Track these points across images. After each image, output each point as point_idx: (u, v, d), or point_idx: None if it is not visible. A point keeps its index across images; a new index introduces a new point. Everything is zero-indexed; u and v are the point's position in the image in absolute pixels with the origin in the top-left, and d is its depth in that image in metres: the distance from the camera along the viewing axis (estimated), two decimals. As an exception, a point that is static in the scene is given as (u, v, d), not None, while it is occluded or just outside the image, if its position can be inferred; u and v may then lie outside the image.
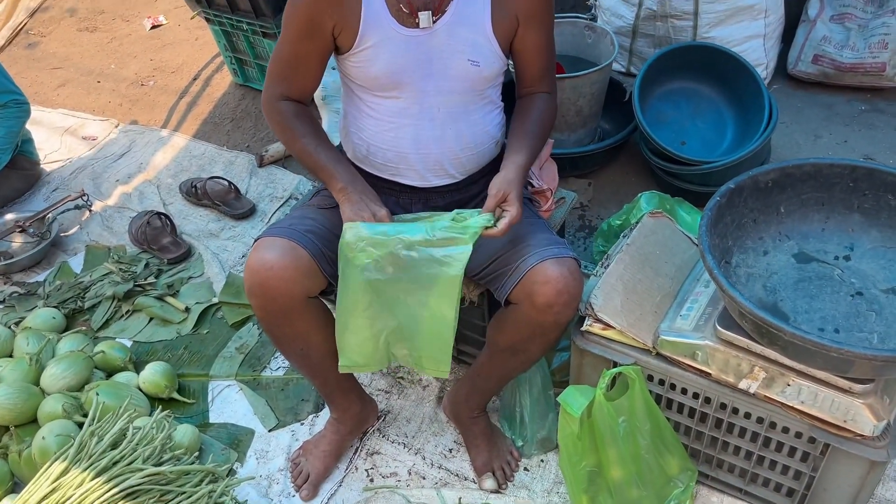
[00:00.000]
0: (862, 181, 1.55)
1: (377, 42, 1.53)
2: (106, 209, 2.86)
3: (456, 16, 1.53)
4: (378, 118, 1.64)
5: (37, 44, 3.99)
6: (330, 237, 1.64)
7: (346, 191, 1.57)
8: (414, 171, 1.69)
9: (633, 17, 2.81)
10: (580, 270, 1.56)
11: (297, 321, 1.60)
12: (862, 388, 1.39)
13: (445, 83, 1.58)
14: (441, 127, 1.63)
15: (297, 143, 1.63)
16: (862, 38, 2.65)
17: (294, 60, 1.61)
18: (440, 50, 1.55)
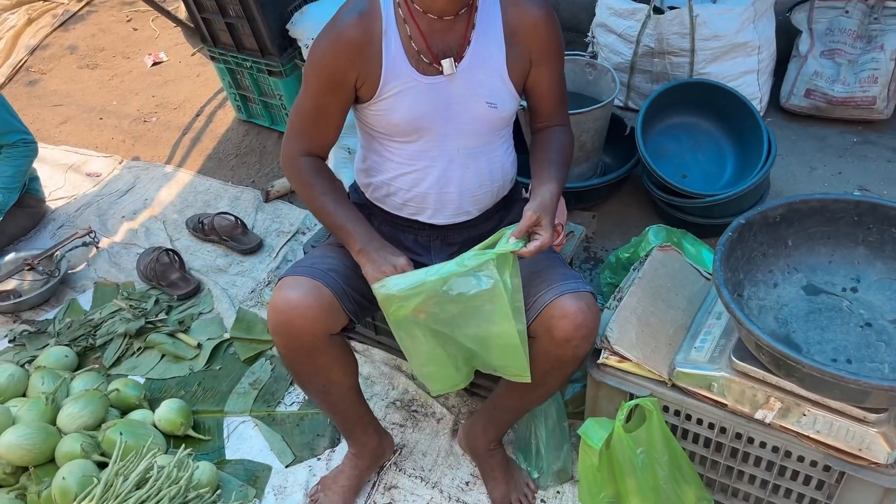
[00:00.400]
0: (866, 215, 1.60)
1: (398, 91, 1.58)
2: (113, 246, 2.87)
3: (473, 60, 1.59)
4: (398, 161, 1.68)
5: (37, 81, 4.02)
6: (350, 275, 1.67)
7: (364, 251, 1.59)
8: (434, 209, 1.73)
9: (631, 54, 2.88)
10: (597, 304, 1.60)
11: (319, 358, 1.63)
12: (876, 417, 1.43)
13: (464, 125, 1.63)
14: (461, 167, 1.68)
15: (316, 200, 1.65)
16: (852, 73, 2.74)
17: (316, 115, 1.64)
18: (459, 94, 1.60)
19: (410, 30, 1.55)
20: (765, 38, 2.76)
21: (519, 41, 1.61)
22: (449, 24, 1.56)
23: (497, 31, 1.58)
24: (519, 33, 1.60)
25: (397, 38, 1.55)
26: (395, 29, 1.55)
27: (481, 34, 1.58)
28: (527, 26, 1.60)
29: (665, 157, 2.54)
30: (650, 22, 2.78)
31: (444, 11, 1.53)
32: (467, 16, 1.57)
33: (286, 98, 3.08)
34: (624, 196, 2.71)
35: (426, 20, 1.55)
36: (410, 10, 1.55)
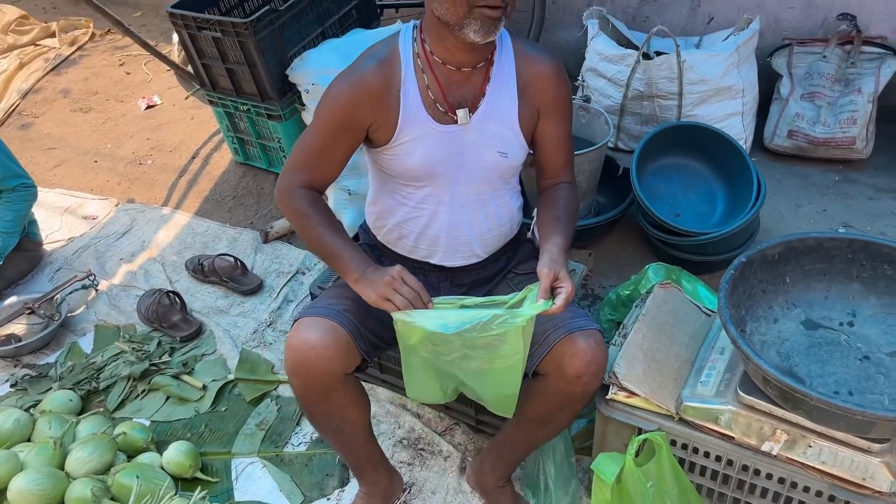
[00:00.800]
0: (859, 253, 1.68)
1: (414, 138, 1.64)
2: (112, 288, 2.88)
3: (487, 111, 1.65)
4: (411, 205, 1.74)
5: (30, 125, 4.04)
6: (363, 315, 1.71)
7: (362, 279, 1.59)
8: (444, 252, 1.79)
9: (620, 97, 2.99)
10: (604, 342, 1.65)
11: (335, 398, 1.65)
12: (880, 447, 1.48)
13: (476, 173, 1.69)
14: (471, 212, 1.73)
15: (312, 230, 1.66)
16: (832, 115, 2.87)
17: (322, 151, 1.68)
18: (472, 143, 1.66)
19: (428, 79, 1.62)
20: (748, 82, 2.88)
21: (530, 94, 1.67)
22: (466, 76, 1.62)
23: (511, 84, 1.65)
24: (530, 86, 1.67)
25: (415, 86, 1.62)
26: (413, 77, 1.62)
27: (496, 86, 1.64)
28: (538, 80, 1.67)
29: (658, 197, 2.62)
30: (639, 67, 2.89)
31: (462, 64, 1.60)
32: (485, 69, 1.63)
33: (284, 141, 3.13)
34: (619, 234, 2.78)
35: (444, 71, 1.62)
36: (429, 61, 1.62)
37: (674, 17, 3.28)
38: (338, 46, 2.92)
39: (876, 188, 2.84)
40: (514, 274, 1.87)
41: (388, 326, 1.78)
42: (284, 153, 3.19)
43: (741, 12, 3.08)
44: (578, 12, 3.33)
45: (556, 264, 1.55)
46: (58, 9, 5.24)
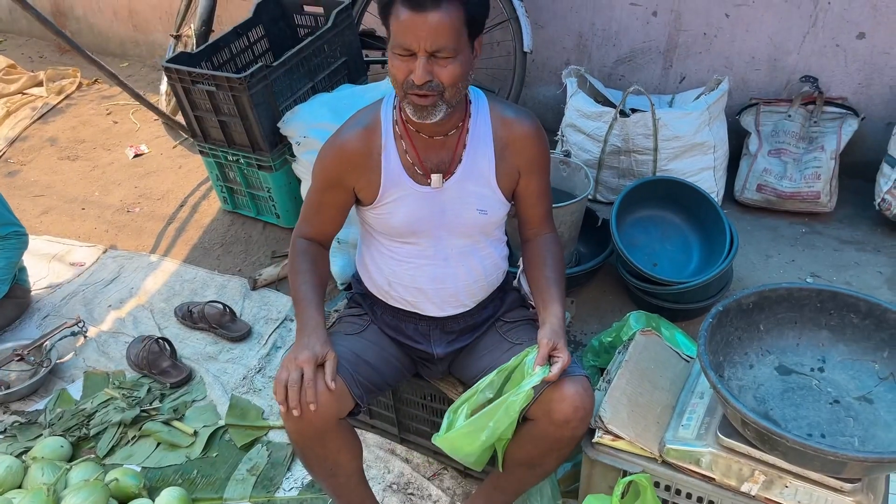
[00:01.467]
0: (827, 302, 1.78)
1: (396, 198, 1.75)
2: (100, 335, 2.91)
3: (464, 174, 1.75)
4: (398, 259, 1.84)
5: (17, 172, 4.08)
6: (358, 361, 1.78)
7: (299, 334, 1.69)
8: (432, 303, 1.87)
9: (598, 151, 3.13)
10: (591, 387, 1.73)
11: (329, 442, 1.70)
12: (851, 486, 1.57)
13: (457, 229, 1.80)
14: (454, 265, 1.83)
15: (293, 276, 1.81)
16: (798, 170, 3.03)
17: (317, 207, 1.84)
18: (451, 203, 1.77)
19: (406, 145, 1.73)
20: (719, 138, 3.04)
21: (509, 154, 1.77)
22: (440, 143, 1.73)
23: (487, 146, 1.75)
24: (509, 147, 1.77)
25: (395, 151, 1.73)
26: (393, 143, 1.73)
27: (472, 150, 1.75)
28: (517, 141, 1.77)
29: (636, 247, 2.74)
30: (616, 124, 3.03)
31: (433, 133, 1.71)
32: (458, 135, 1.74)
33: (274, 190, 3.21)
34: (599, 283, 2.89)
35: (419, 138, 1.73)
36: (406, 128, 1.73)
37: (648, 76, 3.45)
38: (328, 101, 3.03)
39: (840, 240, 2.98)
40: (502, 322, 1.95)
41: (380, 372, 1.86)
42: (273, 202, 3.27)
43: (711, 73, 3.26)
44: (557, 70, 3.49)
45: (556, 336, 1.66)
46: (45, 58, 5.32)
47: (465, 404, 1.70)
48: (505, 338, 1.90)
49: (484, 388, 1.69)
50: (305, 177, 3.01)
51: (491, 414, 1.63)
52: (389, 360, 1.91)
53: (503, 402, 1.62)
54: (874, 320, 1.74)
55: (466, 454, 1.70)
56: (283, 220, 3.33)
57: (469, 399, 1.70)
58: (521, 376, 1.66)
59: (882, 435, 1.64)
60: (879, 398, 1.71)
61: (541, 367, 1.61)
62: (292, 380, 1.58)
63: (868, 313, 1.75)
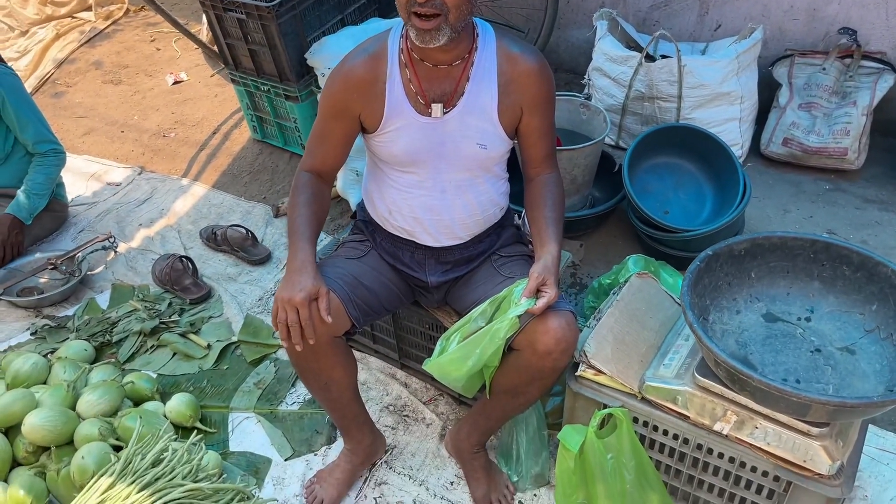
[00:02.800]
0: (821, 253, 1.78)
1: (398, 127, 1.78)
2: (130, 251, 3.06)
3: (466, 106, 1.77)
4: (398, 188, 1.88)
5: (63, 93, 4.23)
6: (356, 284, 1.86)
7: (288, 271, 1.70)
8: (428, 233, 1.92)
9: (623, 97, 3.10)
10: (576, 322, 1.78)
11: (323, 358, 1.79)
12: (819, 431, 1.60)
13: (456, 162, 1.82)
14: (451, 198, 1.86)
15: (291, 209, 1.82)
16: (826, 126, 2.96)
17: (321, 136, 1.85)
18: (452, 135, 1.78)
19: (410, 74, 1.75)
20: (747, 90, 2.98)
21: (512, 90, 1.78)
22: (444, 73, 1.74)
23: (491, 81, 1.75)
24: (512, 83, 1.76)
25: (399, 80, 1.75)
26: (398, 72, 1.75)
27: (476, 83, 1.75)
28: (520, 78, 1.76)
29: (649, 194, 2.74)
30: (642, 69, 3.00)
31: (436, 62, 1.73)
32: (462, 67, 1.75)
33: (300, 121, 3.28)
34: (610, 227, 2.90)
35: (423, 67, 1.74)
36: (410, 57, 1.74)
37: (683, 22, 3.38)
38: (355, 34, 3.06)
39: (864, 198, 2.93)
40: (497, 255, 1.99)
41: (377, 296, 1.93)
42: (300, 132, 3.34)
43: (747, 21, 3.18)
44: (591, 13, 3.43)
45: (546, 271, 1.68)
46: (95, -17, 5.43)
47: (457, 332, 1.76)
48: (499, 271, 1.95)
49: (476, 317, 1.74)
50: (330, 108, 3.06)
51: (478, 341, 1.68)
52: (387, 285, 1.98)
53: (489, 330, 1.67)
54: (866, 273, 1.74)
55: (455, 379, 1.77)
56: (307, 151, 3.40)
57: (461, 327, 1.76)
58: (508, 306, 1.71)
59: (858, 384, 1.65)
60: (862, 350, 1.72)
61: (527, 299, 1.65)
62: (291, 321, 1.64)
63: (860, 266, 1.74)
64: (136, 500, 1.66)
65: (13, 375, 2.25)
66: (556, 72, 3.86)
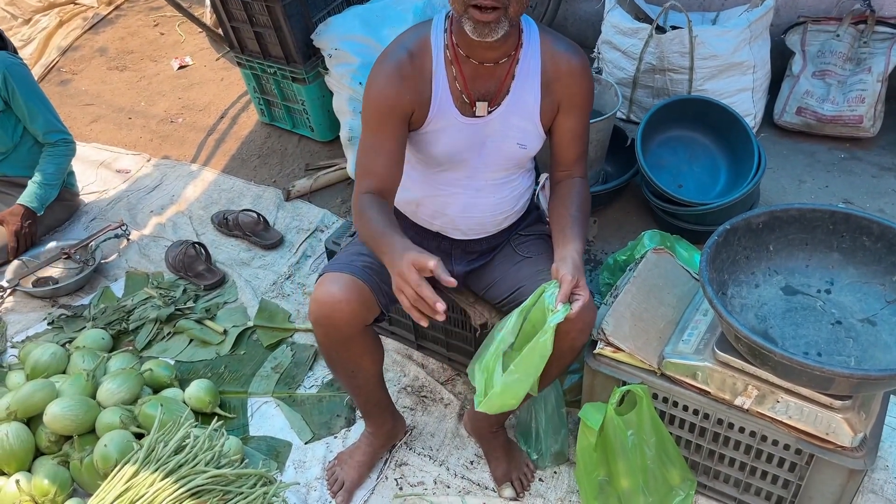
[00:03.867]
0: (840, 224, 1.76)
1: (441, 127, 1.72)
2: (142, 238, 3.06)
3: (510, 106, 1.72)
4: (430, 184, 1.83)
5: (69, 81, 4.22)
6: (382, 271, 1.82)
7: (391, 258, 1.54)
8: (457, 229, 1.90)
9: (633, 70, 3.07)
10: (593, 301, 1.77)
11: (353, 347, 1.79)
12: (841, 403, 1.59)
13: (495, 162, 1.78)
14: (486, 195, 1.83)
15: (364, 223, 1.64)
16: (841, 93, 2.92)
17: (375, 147, 1.69)
18: (493, 135, 1.74)
19: (455, 72, 1.68)
20: (760, 59, 2.94)
21: (554, 89, 1.72)
22: (490, 71, 1.68)
23: (535, 81, 1.70)
24: (554, 81, 1.71)
25: (445, 77, 1.68)
26: (443, 69, 1.68)
27: (520, 83, 1.70)
28: (563, 76, 1.71)
29: (663, 168, 2.71)
30: (652, 41, 2.96)
31: (483, 59, 1.66)
32: (508, 65, 1.69)
33: (308, 103, 3.26)
34: (624, 203, 2.88)
35: (470, 65, 1.67)
36: (456, 54, 1.67)
37: (693, -9, 3.33)
38: (360, 13, 3.02)
39: (880, 166, 2.89)
40: (517, 235, 1.98)
41: None
42: (308, 115, 3.33)
43: (758, -11, 3.12)
44: (599, -16, 3.38)
45: (578, 272, 1.59)
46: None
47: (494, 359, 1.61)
48: (516, 251, 1.94)
49: (506, 334, 1.62)
50: (337, 89, 3.04)
51: (526, 362, 1.57)
52: None
53: (534, 347, 1.55)
54: (886, 243, 1.72)
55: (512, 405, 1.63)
56: (316, 133, 3.39)
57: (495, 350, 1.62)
58: (541, 315, 1.59)
59: (880, 356, 1.64)
60: (883, 321, 1.71)
61: (563, 305, 1.56)
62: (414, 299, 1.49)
63: (881, 236, 1.72)
64: (161, 487, 1.67)
65: (32, 366, 2.27)
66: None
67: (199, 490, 1.70)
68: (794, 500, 1.80)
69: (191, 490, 1.68)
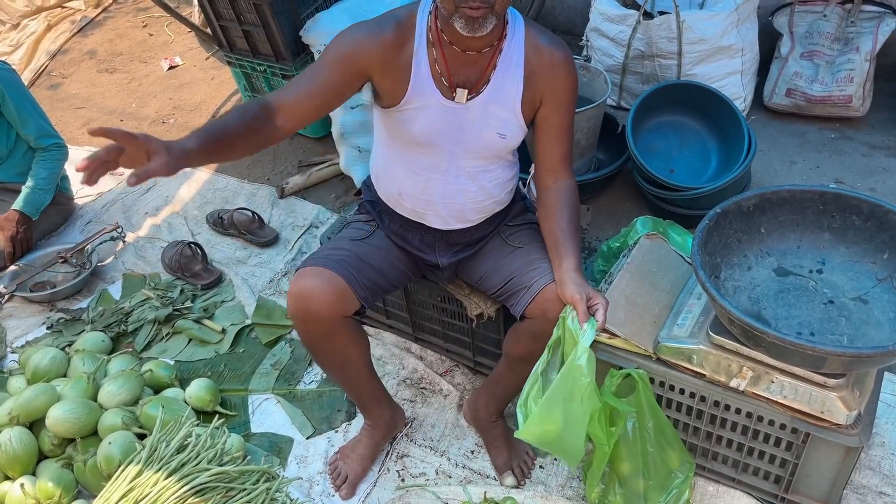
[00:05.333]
0: (830, 204, 1.78)
1: (420, 106, 1.72)
2: (138, 240, 3.07)
3: (490, 95, 1.72)
4: (410, 169, 1.84)
5: (59, 85, 4.21)
6: (361, 265, 1.85)
7: None
8: (439, 217, 1.90)
9: (622, 56, 3.07)
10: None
11: (335, 338, 1.81)
12: (835, 382, 1.61)
13: (474, 149, 1.78)
14: (465, 182, 1.83)
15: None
16: (830, 74, 2.93)
17: (310, 77, 1.68)
18: (473, 122, 1.74)
19: (437, 55, 1.69)
20: (748, 41, 2.95)
21: (535, 81, 1.72)
22: (472, 59, 1.68)
23: (518, 71, 1.70)
24: (537, 73, 1.71)
25: (426, 58, 1.69)
26: (425, 49, 1.69)
27: (502, 72, 1.70)
28: (545, 69, 1.71)
29: (654, 153, 2.72)
30: (640, 27, 2.96)
31: (466, 48, 1.66)
32: (490, 54, 1.69)
33: (299, 100, 3.26)
34: (616, 190, 2.90)
35: (452, 51, 1.68)
36: (439, 38, 1.68)
37: (679, -24, 3.32)
38: (348, 7, 3.02)
39: (871, 145, 2.91)
40: (505, 226, 1.99)
41: (384, 274, 1.93)
42: (299, 112, 3.32)
43: (745, -29, 3.12)
44: (586, -28, 3.38)
45: (582, 287, 1.61)
46: (82, -29, 5.37)
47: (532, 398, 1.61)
48: (507, 242, 1.94)
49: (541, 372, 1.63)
50: (328, 86, 3.03)
51: (562, 386, 1.55)
52: (394, 263, 1.97)
53: (569, 371, 1.55)
54: (876, 222, 1.73)
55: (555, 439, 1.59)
56: (308, 129, 3.39)
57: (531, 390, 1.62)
58: (571, 340, 1.59)
59: (873, 334, 1.66)
60: (875, 299, 1.73)
61: (587, 323, 1.56)
62: None
63: (870, 214, 1.74)
64: (165, 486, 1.69)
65: (33, 370, 2.28)
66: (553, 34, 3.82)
67: (202, 488, 1.71)
68: (792, 478, 1.81)
69: (194, 488, 1.70)
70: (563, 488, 2.03)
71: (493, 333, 2.17)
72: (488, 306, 2.06)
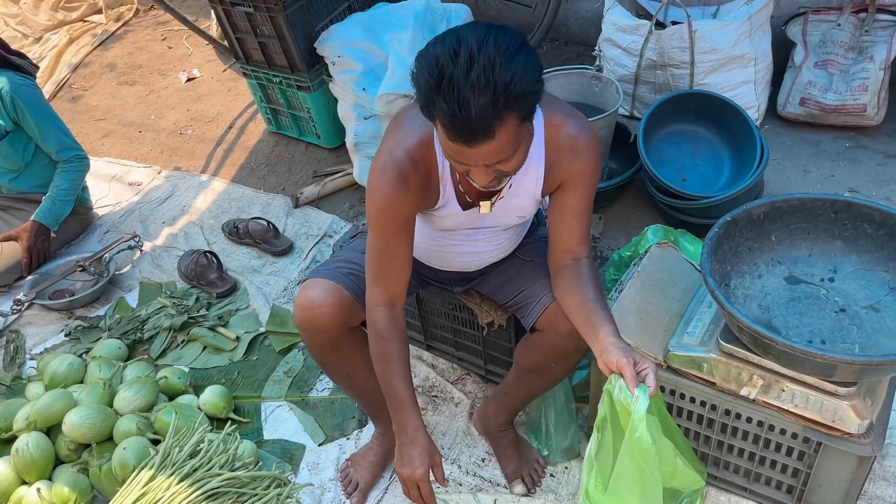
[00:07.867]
0: (841, 213, 1.77)
1: (448, 214, 1.70)
2: (155, 249, 3.11)
3: (511, 193, 1.66)
4: (431, 237, 1.83)
5: (80, 97, 4.28)
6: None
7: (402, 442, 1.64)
8: (456, 267, 1.92)
9: (634, 66, 3.08)
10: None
11: (341, 349, 1.82)
12: (846, 390, 1.60)
13: (494, 231, 1.80)
14: (484, 245, 1.83)
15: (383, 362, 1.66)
16: (844, 82, 2.92)
17: (387, 252, 1.65)
18: (494, 216, 1.72)
19: (459, 176, 1.62)
20: (761, 51, 2.94)
21: (557, 170, 1.64)
22: None
23: (538, 167, 1.63)
24: (557, 164, 1.63)
25: (450, 179, 1.64)
26: (448, 173, 1.63)
27: (522, 173, 1.61)
28: (565, 156, 1.62)
29: (666, 163, 2.72)
30: (652, 37, 2.97)
31: None
32: None
33: (314, 111, 3.30)
34: (628, 199, 2.90)
35: None
36: None
37: (692, -14, 3.33)
38: (362, 20, 3.06)
39: (886, 154, 2.89)
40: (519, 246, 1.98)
41: None
42: (314, 122, 3.37)
43: (758, -19, 3.12)
44: (598, -17, 3.40)
45: (626, 352, 1.50)
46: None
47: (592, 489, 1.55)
48: (518, 255, 1.94)
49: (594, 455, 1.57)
50: (342, 96, 3.07)
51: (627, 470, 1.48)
52: None
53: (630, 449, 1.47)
54: (888, 230, 1.72)
55: None
56: (323, 139, 3.43)
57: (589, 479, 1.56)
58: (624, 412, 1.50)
59: (885, 342, 1.65)
60: (887, 307, 1.71)
61: (638, 389, 1.47)
62: (415, 496, 1.63)
63: (882, 223, 1.73)
64: (177, 490, 1.71)
65: (51, 376, 2.32)
66: (566, 45, 3.84)
67: (214, 492, 1.73)
68: (804, 488, 1.80)
69: (206, 493, 1.72)
70: (574, 497, 2.02)
71: (504, 342, 2.18)
72: (499, 315, 2.07)
